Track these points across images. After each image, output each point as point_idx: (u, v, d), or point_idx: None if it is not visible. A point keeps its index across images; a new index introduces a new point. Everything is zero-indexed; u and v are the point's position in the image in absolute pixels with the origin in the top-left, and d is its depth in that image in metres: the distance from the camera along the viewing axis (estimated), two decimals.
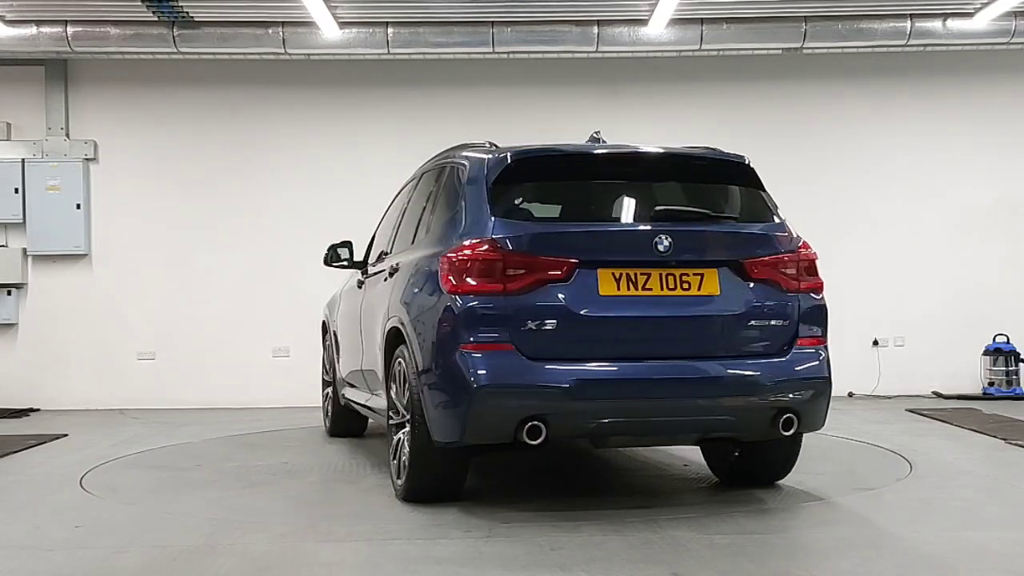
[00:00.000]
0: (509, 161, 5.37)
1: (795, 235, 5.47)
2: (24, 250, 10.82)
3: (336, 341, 7.99)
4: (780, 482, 5.95)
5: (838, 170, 10.97)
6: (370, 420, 8.18)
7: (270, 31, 9.92)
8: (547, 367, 4.96)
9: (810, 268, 5.44)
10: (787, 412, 5.18)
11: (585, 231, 5.26)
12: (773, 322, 5.27)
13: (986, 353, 10.77)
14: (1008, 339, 10.70)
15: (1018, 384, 10.67)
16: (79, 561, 4.52)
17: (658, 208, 5.40)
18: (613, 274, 5.08)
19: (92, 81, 10.92)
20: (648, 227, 5.21)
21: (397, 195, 7.42)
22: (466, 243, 5.12)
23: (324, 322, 8.63)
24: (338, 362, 7.88)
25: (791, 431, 5.22)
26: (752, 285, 5.25)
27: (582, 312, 5.01)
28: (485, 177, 5.33)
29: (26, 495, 6.19)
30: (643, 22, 9.87)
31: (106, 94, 10.96)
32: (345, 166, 10.95)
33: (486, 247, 5.05)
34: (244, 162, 11.01)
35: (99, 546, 4.78)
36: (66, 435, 8.56)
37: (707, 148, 5.92)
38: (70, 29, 9.84)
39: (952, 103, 11.07)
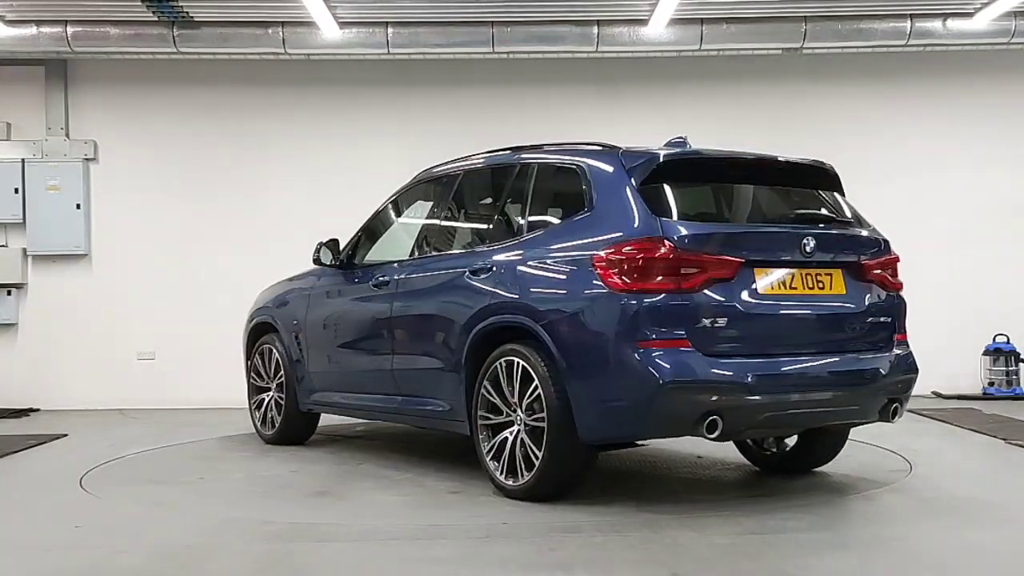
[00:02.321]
0: (657, 163, 5.45)
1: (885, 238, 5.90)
2: (24, 250, 10.81)
3: (300, 344, 7.59)
4: (780, 482, 5.99)
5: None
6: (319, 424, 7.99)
7: (270, 31, 9.92)
8: (726, 363, 5.11)
9: (897, 269, 5.88)
10: (895, 401, 5.61)
11: (748, 232, 5.50)
12: (883, 318, 5.70)
13: (986, 353, 10.76)
14: (1008, 339, 10.70)
15: (1018, 384, 10.67)
16: (79, 561, 4.53)
17: (798, 212, 5.85)
18: (767, 273, 5.33)
19: (92, 81, 10.92)
20: (797, 229, 5.53)
21: (396, 197, 7.40)
22: (633, 242, 5.16)
23: (266, 322, 8.02)
24: (307, 366, 7.51)
25: (895, 418, 5.63)
26: (866, 284, 5.66)
27: (748, 310, 5.21)
28: (630, 178, 5.40)
29: (26, 495, 6.19)
30: (643, 22, 9.86)
31: (106, 94, 10.95)
32: (345, 166, 10.93)
33: (660, 246, 5.12)
34: (244, 162, 11.00)
35: (99, 546, 4.78)
36: (66, 435, 8.56)
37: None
38: (70, 29, 9.83)
39: (952, 103, 11.06)
